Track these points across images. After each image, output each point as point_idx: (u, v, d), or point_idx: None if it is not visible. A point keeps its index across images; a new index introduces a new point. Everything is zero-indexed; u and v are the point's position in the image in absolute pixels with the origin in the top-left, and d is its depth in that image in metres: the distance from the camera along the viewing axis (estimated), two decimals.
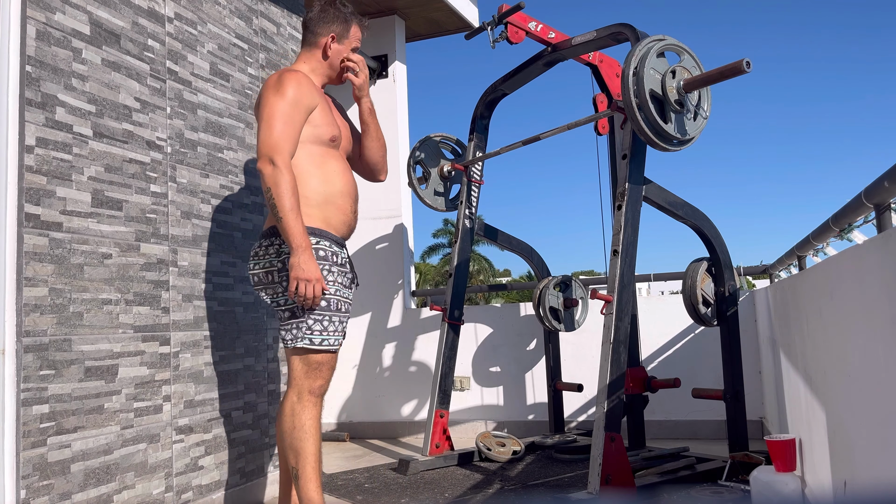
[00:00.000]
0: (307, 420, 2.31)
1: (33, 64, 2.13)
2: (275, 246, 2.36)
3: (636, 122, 2.65)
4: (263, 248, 2.39)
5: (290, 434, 2.31)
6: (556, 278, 4.01)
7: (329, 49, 2.54)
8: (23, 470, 2.01)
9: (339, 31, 2.54)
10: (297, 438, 2.29)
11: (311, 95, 2.40)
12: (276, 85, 2.34)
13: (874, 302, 1.31)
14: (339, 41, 2.55)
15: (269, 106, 2.31)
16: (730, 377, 3.22)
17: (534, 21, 3.34)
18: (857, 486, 1.58)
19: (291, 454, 2.31)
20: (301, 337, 2.32)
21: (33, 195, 2.11)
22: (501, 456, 3.57)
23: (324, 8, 2.54)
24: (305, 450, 2.29)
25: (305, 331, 2.32)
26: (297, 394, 2.33)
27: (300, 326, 2.32)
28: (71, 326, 2.19)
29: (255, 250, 2.43)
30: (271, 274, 2.36)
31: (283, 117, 2.30)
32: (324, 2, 2.58)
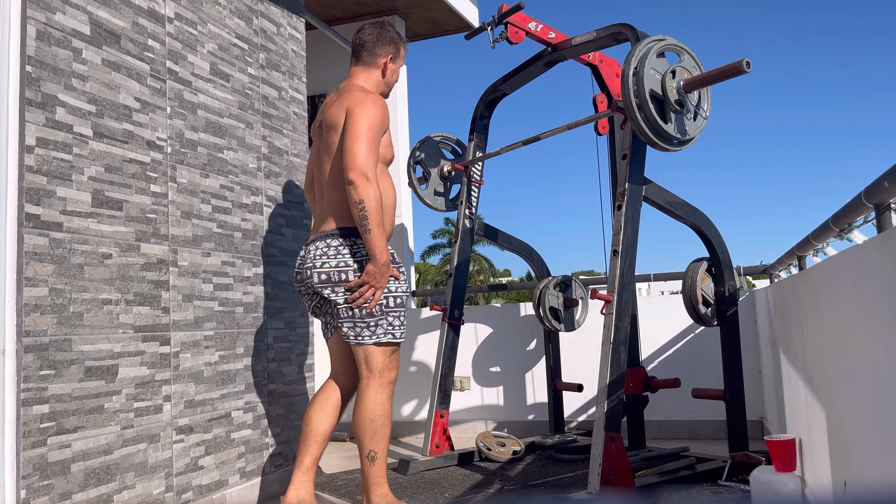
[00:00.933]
0: (389, 408, 2.56)
1: (33, 64, 2.13)
2: (347, 247, 2.54)
3: (636, 122, 2.65)
4: (335, 249, 2.54)
5: (375, 422, 2.52)
6: (556, 278, 4.01)
7: (387, 69, 2.77)
8: (23, 470, 2.01)
9: (394, 53, 2.78)
10: (383, 425, 2.53)
11: (388, 120, 2.62)
12: (366, 104, 2.53)
13: (874, 302, 1.31)
14: (394, 61, 2.79)
15: (361, 124, 2.49)
16: (730, 377, 3.22)
17: (534, 21, 3.34)
18: (857, 486, 1.58)
19: (370, 438, 2.52)
20: (384, 333, 2.55)
21: (33, 195, 2.11)
22: (501, 456, 3.57)
23: (381, 32, 2.77)
24: (386, 436, 2.55)
25: (387, 327, 2.55)
26: (378, 383, 2.55)
27: (380, 323, 2.54)
28: (71, 326, 2.20)
29: (321, 250, 2.55)
30: (345, 273, 2.53)
31: (374, 136, 2.50)
32: (377, 25, 2.81)
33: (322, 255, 2.54)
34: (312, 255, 2.56)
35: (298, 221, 3.48)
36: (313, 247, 2.58)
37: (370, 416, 2.52)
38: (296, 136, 3.51)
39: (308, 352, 3.48)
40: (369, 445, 2.52)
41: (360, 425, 2.53)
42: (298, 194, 3.48)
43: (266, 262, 3.19)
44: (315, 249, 2.56)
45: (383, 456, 2.54)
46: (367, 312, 2.51)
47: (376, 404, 2.53)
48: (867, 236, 2.01)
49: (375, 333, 2.53)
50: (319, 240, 2.57)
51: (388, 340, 2.56)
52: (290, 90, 3.50)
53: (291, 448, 3.28)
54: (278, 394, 3.21)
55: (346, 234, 2.54)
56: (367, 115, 2.50)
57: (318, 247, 2.56)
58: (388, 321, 2.56)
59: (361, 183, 2.42)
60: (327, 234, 2.56)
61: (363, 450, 2.54)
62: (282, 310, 3.29)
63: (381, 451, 2.53)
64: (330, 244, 2.54)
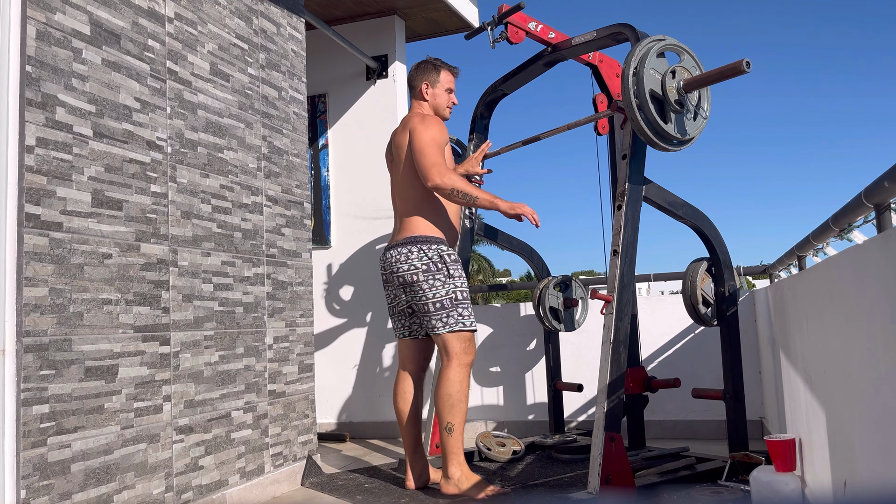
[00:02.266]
0: (466, 386, 2.92)
1: (33, 64, 2.13)
2: (433, 249, 2.96)
3: (636, 122, 2.65)
4: (422, 251, 2.95)
5: (452, 397, 2.87)
6: (556, 278, 4.01)
7: (427, 93, 3.19)
8: (23, 470, 2.01)
9: (429, 79, 3.19)
10: (459, 400, 2.88)
11: (445, 135, 3.06)
12: (423, 123, 3.01)
13: (874, 302, 1.31)
14: (432, 86, 3.20)
15: (423, 138, 2.97)
16: (730, 377, 3.22)
17: (534, 21, 3.34)
18: (857, 486, 1.58)
19: (448, 410, 2.87)
20: (455, 322, 2.93)
21: (33, 195, 2.11)
22: (501, 456, 3.57)
23: (418, 65, 3.24)
24: (462, 410, 2.89)
25: (457, 317, 2.94)
26: (458, 365, 2.91)
27: (452, 315, 2.93)
28: (71, 326, 2.19)
29: (403, 254, 2.96)
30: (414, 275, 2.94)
31: (435, 147, 2.96)
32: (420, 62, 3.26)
33: (396, 262, 2.98)
34: (389, 261, 3.02)
35: (298, 221, 3.48)
36: (389, 254, 3.03)
37: (448, 392, 2.87)
38: (296, 136, 3.51)
39: (308, 352, 3.48)
40: (447, 418, 2.87)
41: (440, 399, 2.89)
42: (298, 194, 3.48)
43: (266, 262, 3.19)
44: (390, 257, 3.02)
45: (460, 429, 2.87)
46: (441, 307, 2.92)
47: (454, 381, 2.89)
48: (867, 236, 2.01)
49: (448, 324, 2.92)
50: (394, 248, 3.02)
51: (460, 328, 2.93)
52: (290, 90, 3.50)
53: (291, 448, 3.28)
54: (278, 394, 3.21)
55: (413, 241, 2.98)
56: (426, 131, 2.98)
57: (393, 254, 3.01)
58: (458, 312, 2.94)
59: (441, 180, 2.89)
60: (399, 243, 3.01)
61: (442, 422, 2.89)
62: (282, 310, 3.29)
63: (458, 424, 2.87)
64: (401, 251, 2.98)
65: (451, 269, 2.96)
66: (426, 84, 3.19)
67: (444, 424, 2.88)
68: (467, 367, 2.94)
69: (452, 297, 2.93)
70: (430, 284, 2.93)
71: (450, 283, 2.94)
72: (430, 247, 2.96)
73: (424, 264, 2.93)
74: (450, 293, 2.93)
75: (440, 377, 2.93)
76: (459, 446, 2.89)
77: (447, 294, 2.93)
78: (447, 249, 3.00)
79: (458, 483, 2.85)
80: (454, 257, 3.00)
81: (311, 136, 4.88)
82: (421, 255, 2.94)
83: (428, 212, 3.03)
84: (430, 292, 2.93)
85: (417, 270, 2.94)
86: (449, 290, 2.93)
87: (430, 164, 2.91)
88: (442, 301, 2.93)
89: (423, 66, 3.22)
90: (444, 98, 3.21)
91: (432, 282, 2.93)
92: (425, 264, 2.93)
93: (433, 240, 2.98)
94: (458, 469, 2.87)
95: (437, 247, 2.97)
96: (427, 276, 2.93)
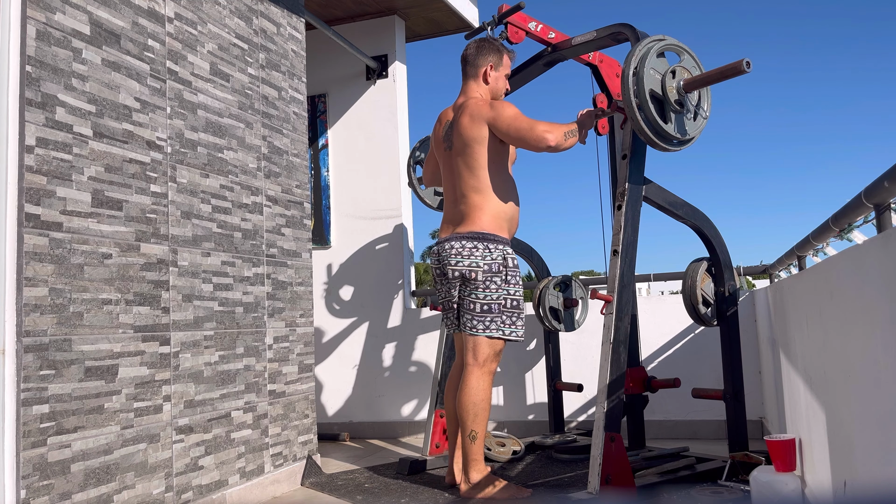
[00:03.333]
0: (490, 394, 2.88)
1: (33, 64, 2.13)
2: (499, 249, 2.88)
3: (636, 122, 2.65)
4: (468, 250, 2.86)
5: (477, 405, 2.83)
6: (556, 278, 4.01)
7: (489, 76, 3.06)
8: (23, 470, 2.01)
9: (494, 61, 3.07)
10: (484, 409, 2.84)
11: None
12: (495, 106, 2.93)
13: (874, 302, 1.31)
14: (495, 69, 3.07)
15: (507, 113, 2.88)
16: (730, 377, 3.22)
17: (534, 21, 3.34)
18: (857, 486, 1.58)
19: (472, 419, 2.82)
20: (497, 328, 2.86)
21: (33, 195, 2.11)
22: (501, 456, 3.57)
23: (481, 43, 3.09)
24: (486, 418, 2.85)
25: (500, 324, 2.87)
26: (482, 373, 2.86)
27: (496, 321, 2.86)
28: (71, 326, 2.19)
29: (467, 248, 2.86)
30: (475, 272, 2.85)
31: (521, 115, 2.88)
32: (478, 39, 3.12)
33: (457, 255, 2.87)
34: (447, 252, 2.90)
35: (298, 221, 3.48)
36: (449, 245, 2.91)
37: (473, 400, 2.83)
38: (296, 136, 3.51)
39: (308, 352, 3.48)
40: (471, 426, 2.83)
41: (464, 407, 2.83)
42: (298, 194, 3.48)
43: (266, 262, 3.19)
44: (450, 248, 2.90)
45: (482, 435, 2.85)
46: (487, 310, 2.85)
47: (479, 389, 2.84)
48: (867, 236, 2.01)
49: (489, 328, 2.86)
50: (455, 239, 2.90)
51: (499, 336, 2.87)
52: (290, 90, 3.50)
53: (291, 448, 3.28)
54: (278, 394, 3.21)
55: (480, 238, 2.87)
56: (505, 109, 2.89)
57: (454, 246, 2.89)
58: (502, 319, 2.87)
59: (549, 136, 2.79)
60: (462, 236, 2.89)
61: (465, 429, 2.84)
62: (282, 310, 3.29)
63: (481, 432, 2.84)
64: (465, 245, 2.87)
65: (510, 275, 2.89)
66: (490, 66, 3.05)
67: (467, 432, 2.84)
68: (491, 374, 2.90)
69: (502, 304, 2.87)
70: (486, 286, 2.86)
71: (504, 288, 2.88)
72: (496, 246, 2.87)
73: (487, 264, 2.85)
74: (501, 298, 2.87)
75: (464, 384, 2.87)
76: (482, 451, 2.87)
77: (498, 299, 2.87)
78: (511, 253, 2.93)
79: (480, 487, 2.83)
80: (516, 262, 2.93)
81: (311, 136, 4.88)
82: (485, 254, 2.86)
83: (493, 206, 2.91)
84: (483, 293, 2.86)
85: (479, 269, 2.85)
86: (502, 294, 2.87)
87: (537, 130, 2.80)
88: (491, 305, 2.87)
89: (488, 47, 3.07)
90: (503, 83, 3.11)
91: (489, 283, 2.86)
92: (488, 264, 2.85)
93: (500, 240, 2.90)
94: (480, 474, 2.84)
95: (503, 248, 2.89)
96: (486, 277, 2.85)
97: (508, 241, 2.95)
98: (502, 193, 2.94)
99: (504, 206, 2.94)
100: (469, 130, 2.92)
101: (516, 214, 3.01)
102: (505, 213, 2.94)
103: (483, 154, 2.91)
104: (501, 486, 2.82)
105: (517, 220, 3.03)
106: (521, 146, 2.89)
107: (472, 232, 2.89)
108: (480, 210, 2.90)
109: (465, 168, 2.94)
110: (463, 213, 2.94)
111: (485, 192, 2.91)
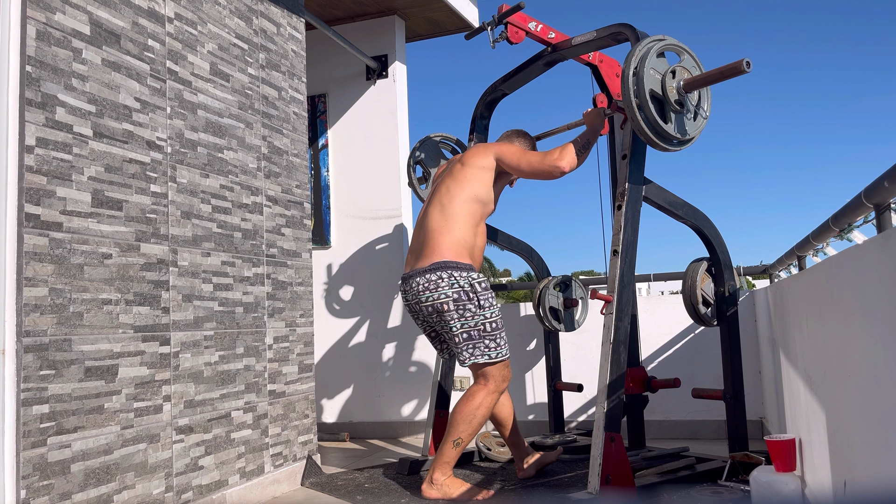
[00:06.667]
0: (489, 413, 2.92)
1: (33, 64, 2.13)
2: (464, 277, 2.86)
3: (636, 122, 2.65)
4: (452, 278, 2.85)
5: (475, 418, 2.86)
6: (556, 278, 4.01)
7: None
8: (23, 470, 2.01)
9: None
10: (478, 423, 2.87)
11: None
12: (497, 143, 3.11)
13: (874, 302, 1.31)
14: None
15: (512, 147, 3.06)
16: (730, 377, 3.22)
17: (534, 21, 3.34)
18: (857, 486, 1.58)
19: (464, 427, 2.85)
20: (483, 353, 2.87)
21: (33, 195, 2.11)
22: (501, 456, 3.57)
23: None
24: (476, 430, 2.88)
25: (485, 349, 2.88)
26: (490, 392, 2.89)
27: (479, 346, 2.87)
28: (71, 326, 2.19)
29: (432, 281, 2.85)
30: (445, 304, 2.85)
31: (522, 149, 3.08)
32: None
33: (424, 290, 2.88)
34: (414, 290, 2.91)
35: (298, 221, 3.48)
36: (414, 282, 2.91)
37: (473, 412, 2.86)
38: (296, 136, 3.51)
39: (308, 352, 3.48)
40: (460, 433, 2.86)
41: (461, 413, 2.86)
42: (298, 194, 3.48)
43: (266, 262, 3.19)
44: (416, 285, 2.90)
45: (464, 445, 2.89)
46: (468, 337, 2.86)
47: (481, 406, 2.87)
48: (867, 236, 2.01)
49: (474, 355, 2.87)
50: (419, 275, 2.90)
51: (485, 361, 2.88)
52: (290, 90, 3.50)
53: (291, 448, 3.28)
54: (278, 394, 3.21)
55: (442, 267, 2.87)
56: (511, 146, 3.09)
57: (419, 282, 2.89)
58: (486, 343, 2.87)
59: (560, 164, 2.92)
60: (424, 270, 2.89)
61: (453, 433, 2.87)
62: (282, 310, 3.29)
63: (466, 442, 2.88)
64: (429, 279, 2.87)
65: (482, 300, 2.86)
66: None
67: (454, 437, 2.86)
68: (498, 394, 2.91)
69: (481, 329, 2.86)
70: (459, 314, 2.85)
71: (479, 314, 2.86)
72: (460, 273, 2.86)
73: (455, 292, 2.84)
74: (478, 325, 2.86)
75: (470, 394, 2.89)
76: (455, 459, 2.90)
77: (476, 325, 2.86)
78: (478, 277, 2.90)
79: (440, 487, 2.85)
80: (485, 285, 2.91)
81: (311, 136, 4.88)
82: (451, 283, 2.84)
83: (455, 233, 2.93)
84: (459, 322, 2.86)
85: (448, 299, 2.84)
86: (478, 321, 2.86)
87: (549, 159, 2.93)
88: (469, 332, 2.86)
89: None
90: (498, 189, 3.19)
91: (462, 311, 2.85)
92: (456, 292, 2.84)
93: (463, 266, 2.88)
94: (443, 475, 2.87)
95: (467, 274, 2.87)
96: (458, 306, 2.84)
97: (473, 268, 2.92)
98: (466, 226, 2.95)
99: (465, 236, 2.94)
100: (471, 157, 3.06)
101: (479, 249, 3.02)
102: (465, 242, 2.94)
103: (467, 182, 2.99)
104: (463, 487, 2.86)
105: (480, 252, 3.03)
106: (536, 177, 2.98)
107: (432, 263, 2.89)
108: (440, 237, 2.91)
109: (443, 195, 3.01)
110: (422, 245, 2.97)
111: (449, 220, 2.93)
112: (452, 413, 2.91)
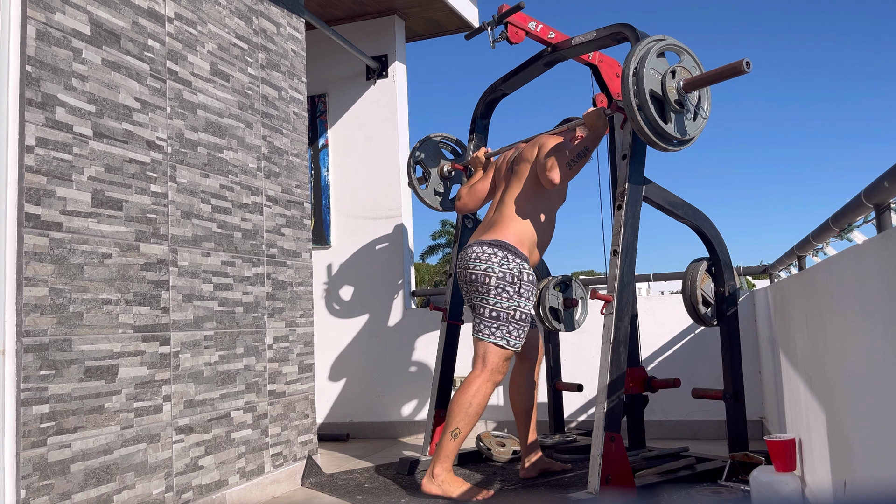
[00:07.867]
0: (487, 401, 2.93)
1: (33, 64, 2.13)
2: (516, 262, 2.93)
3: (636, 122, 2.65)
4: (507, 258, 2.92)
5: (472, 406, 2.88)
6: (556, 278, 4.01)
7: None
8: (23, 470, 2.01)
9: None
10: (476, 413, 2.90)
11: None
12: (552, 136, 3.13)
13: (874, 302, 1.31)
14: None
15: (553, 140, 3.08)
16: (730, 377, 3.22)
17: (534, 21, 3.34)
18: (857, 486, 1.58)
19: (461, 417, 2.88)
20: (502, 337, 2.92)
21: (33, 195, 2.11)
22: (502, 456, 3.57)
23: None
24: (474, 422, 2.91)
25: (507, 334, 2.92)
26: (488, 380, 2.91)
27: (502, 328, 2.91)
28: (71, 326, 2.19)
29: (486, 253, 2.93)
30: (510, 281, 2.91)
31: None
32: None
33: (476, 259, 2.96)
34: (468, 256, 2.99)
35: (298, 221, 3.48)
36: (471, 250, 3.00)
37: (470, 401, 2.89)
38: (296, 136, 3.51)
39: (308, 352, 3.48)
40: (458, 423, 2.88)
41: (458, 403, 2.89)
42: (298, 194, 3.48)
43: (266, 262, 3.19)
44: (471, 252, 2.99)
45: (463, 437, 2.89)
46: (496, 317, 2.91)
47: (479, 394, 2.90)
48: (867, 236, 2.01)
49: (495, 335, 2.92)
50: (478, 245, 2.99)
51: (503, 345, 2.92)
52: (290, 90, 3.50)
53: (291, 448, 3.28)
54: (278, 394, 3.21)
55: (501, 245, 2.95)
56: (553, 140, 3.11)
57: (475, 250, 2.98)
58: (509, 329, 2.93)
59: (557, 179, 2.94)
60: (485, 242, 2.98)
61: (450, 425, 2.89)
62: (282, 310, 3.28)
63: (464, 433, 2.89)
64: (485, 250, 2.96)
65: (524, 289, 2.93)
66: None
67: (452, 428, 2.89)
68: (495, 384, 2.95)
69: (510, 314, 2.92)
70: (497, 293, 2.92)
71: (515, 299, 2.92)
72: (514, 258, 2.94)
73: (502, 271, 2.92)
74: (510, 308, 2.92)
75: (467, 382, 2.93)
76: (455, 452, 2.92)
77: (507, 308, 2.92)
78: (528, 269, 2.97)
79: (441, 484, 2.87)
80: (532, 278, 2.97)
81: (311, 136, 4.88)
82: (503, 262, 2.92)
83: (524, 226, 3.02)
84: (494, 299, 2.92)
85: (493, 275, 2.91)
86: (512, 305, 2.92)
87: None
88: (500, 313, 2.92)
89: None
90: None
91: (500, 291, 2.91)
92: (503, 272, 2.92)
93: (520, 254, 2.96)
94: (443, 471, 2.89)
95: (520, 262, 2.95)
96: (499, 283, 2.91)
97: (528, 259, 2.99)
98: (537, 223, 3.05)
99: (533, 231, 3.04)
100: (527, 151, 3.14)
101: (543, 244, 3.10)
102: (531, 236, 3.03)
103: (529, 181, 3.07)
104: (463, 487, 2.87)
105: (542, 248, 3.11)
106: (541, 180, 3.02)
107: (495, 240, 2.98)
108: (511, 222, 3.01)
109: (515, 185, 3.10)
110: (492, 223, 3.06)
111: (521, 213, 3.03)
112: (451, 402, 2.94)
